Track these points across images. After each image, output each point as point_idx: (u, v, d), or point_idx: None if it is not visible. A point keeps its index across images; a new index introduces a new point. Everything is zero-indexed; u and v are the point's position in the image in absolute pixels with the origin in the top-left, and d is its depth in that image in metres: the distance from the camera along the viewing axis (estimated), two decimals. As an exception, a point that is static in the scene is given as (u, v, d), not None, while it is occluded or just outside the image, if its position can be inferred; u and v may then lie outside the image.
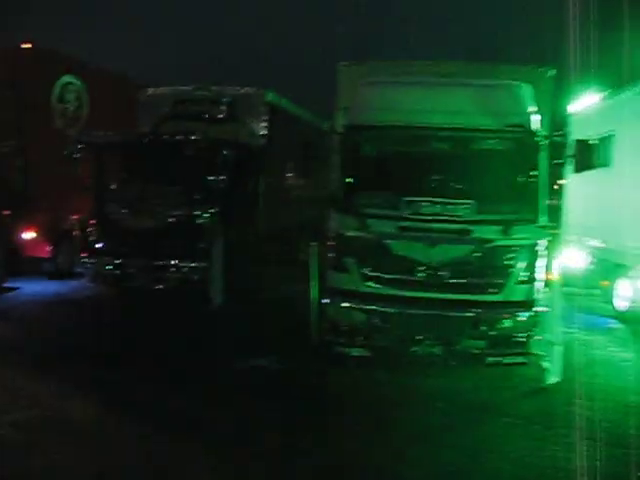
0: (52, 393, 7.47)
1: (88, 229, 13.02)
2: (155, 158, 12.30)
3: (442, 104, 8.75)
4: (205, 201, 11.97)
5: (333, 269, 8.74)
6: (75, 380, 7.91)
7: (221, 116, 13.70)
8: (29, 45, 13.36)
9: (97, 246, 12.40)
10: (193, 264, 11.83)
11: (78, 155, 12.04)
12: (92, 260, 12.31)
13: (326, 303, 8.65)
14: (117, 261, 12.05)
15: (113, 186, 12.62)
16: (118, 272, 12.04)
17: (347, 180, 8.79)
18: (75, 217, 14.75)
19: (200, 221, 11.93)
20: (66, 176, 13.87)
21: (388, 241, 8.37)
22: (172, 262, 11.84)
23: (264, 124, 13.95)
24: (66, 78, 14.41)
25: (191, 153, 11.70)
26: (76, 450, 6.03)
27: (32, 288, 13.48)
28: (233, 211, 12.52)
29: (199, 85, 14.06)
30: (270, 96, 14.07)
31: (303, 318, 11.56)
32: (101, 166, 12.54)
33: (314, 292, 9.05)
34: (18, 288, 13.36)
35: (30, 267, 13.95)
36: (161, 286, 11.90)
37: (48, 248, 14.03)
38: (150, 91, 14.42)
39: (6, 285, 13.19)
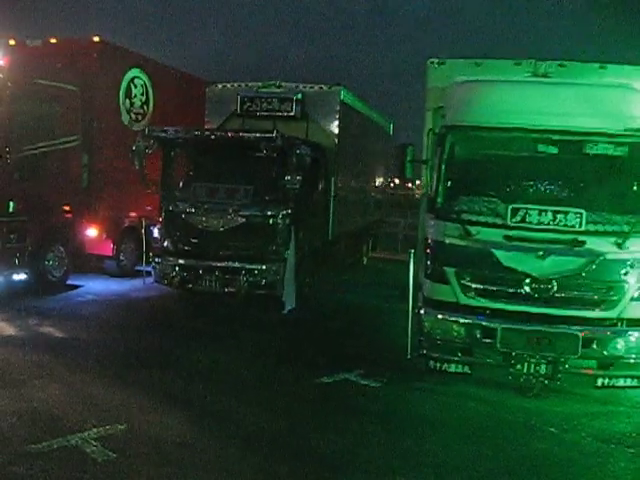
0: (132, 404, 6.92)
1: (155, 227, 12.64)
2: (227, 156, 11.85)
3: (549, 105, 8.08)
4: (278, 202, 11.49)
5: (431, 279, 8.16)
6: (152, 388, 7.42)
7: (292, 114, 13.20)
8: (97, 38, 12.96)
9: (164, 245, 12.01)
10: (265, 267, 11.36)
11: (148, 151, 11.62)
12: (159, 259, 11.91)
13: (423, 315, 8.06)
14: (185, 262, 11.64)
15: (182, 184, 12.17)
16: (185, 274, 11.61)
17: (447, 184, 8.21)
18: (139, 215, 14.49)
19: (274, 222, 11.46)
20: (130, 172, 13.57)
21: (493, 251, 7.77)
22: (243, 265, 11.40)
23: (337, 123, 13.41)
24: (132, 73, 13.97)
25: (266, 151, 11.21)
26: (174, 472, 5.54)
27: (94, 286, 13.10)
28: (304, 213, 12.03)
29: (269, 81, 13.58)
30: (343, 93, 13.52)
31: (380, 327, 11.17)
32: (170, 163, 12.10)
33: (411, 302, 8.43)
34: (81, 286, 12.99)
35: (92, 265, 13.59)
36: (231, 289, 11.45)
37: (111, 246, 13.64)
38: (218, 87, 13.96)
39: (69, 282, 12.85)
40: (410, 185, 40.64)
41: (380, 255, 19.41)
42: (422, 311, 8.10)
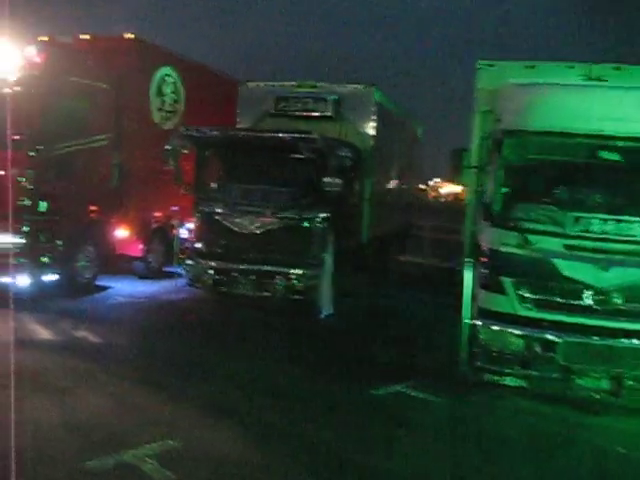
0: (182, 417, 6.61)
1: (182, 228, 12.33)
2: (264, 156, 11.55)
3: (612, 110, 7.73)
4: (316, 204, 11.18)
5: (486, 288, 7.83)
6: (199, 400, 7.09)
7: (327, 114, 12.89)
8: (131, 35, 12.67)
9: (197, 247, 11.71)
10: (302, 271, 11.05)
11: (183, 150, 11.34)
12: (191, 262, 11.62)
13: (478, 326, 7.75)
14: (219, 264, 11.35)
15: (217, 185, 11.87)
16: (219, 276, 11.32)
17: (504, 190, 7.89)
18: (167, 215, 14.23)
19: (312, 225, 11.15)
20: (159, 172, 13.32)
21: (553, 261, 7.45)
22: (279, 268, 11.10)
23: (372, 124, 13.08)
24: (164, 70, 13.68)
25: (304, 153, 10.88)
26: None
27: (124, 288, 12.80)
28: (341, 216, 11.72)
29: (303, 80, 13.27)
30: (378, 94, 13.20)
31: (422, 334, 10.85)
32: (205, 163, 11.80)
33: (465, 313, 8.11)
34: (110, 287, 12.71)
35: (120, 266, 13.30)
36: (266, 293, 11.16)
37: (140, 247, 13.34)
38: (251, 86, 13.64)
39: (97, 284, 12.57)
40: (423, 187, 40.38)
41: (406, 259, 19.05)
42: (477, 322, 7.79)
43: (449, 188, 64.20)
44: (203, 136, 11.30)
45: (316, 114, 12.91)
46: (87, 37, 12.66)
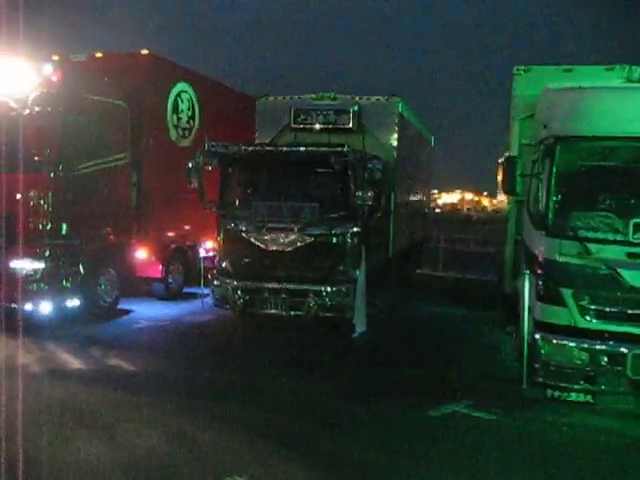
0: (242, 449, 6.19)
1: (214, 248, 11.86)
2: (290, 171, 11.14)
3: None
4: (347, 219, 10.79)
5: (544, 300, 7.46)
6: (253, 427, 6.68)
7: (349, 126, 12.50)
8: (146, 51, 12.28)
9: (223, 266, 11.26)
10: (334, 288, 10.64)
11: (208, 167, 10.93)
12: (218, 282, 11.17)
13: (539, 340, 7.37)
14: (248, 283, 10.91)
15: (242, 202, 11.44)
16: (248, 296, 10.87)
17: (557, 198, 7.53)
18: (187, 235, 13.82)
19: (343, 241, 10.75)
20: (179, 191, 12.92)
21: (618, 270, 7.09)
22: (311, 286, 10.68)
23: (395, 136, 12.71)
24: (179, 87, 13.29)
25: (336, 166, 10.49)
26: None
27: (146, 311, 12.34)
28: (370, 231, 11.33)
29: (323, 92, 12.89)
30: (401, 105, 12.84)
31: (464, 349, 10.46)
32: (229, 180, 11.36)
33: (524, 327, 7.71)
34: (132, 311, 12.25)
35: (140, 288, 12.84)
36: (298, 312, 10.73)
37: (159, 268, 12.89)
38: (269, 99, 13.25)
39: (119, 307, 12.11)
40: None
41: (421, 271, 18.66)
42: (537, 336, 7.41)
43: (445, 199, 64.38)
44: (230, 152, 10.87)
45: (337, 126, 12.52)
46: (100, 55, 12.26)
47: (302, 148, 10.79)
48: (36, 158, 10.22)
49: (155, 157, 12.59)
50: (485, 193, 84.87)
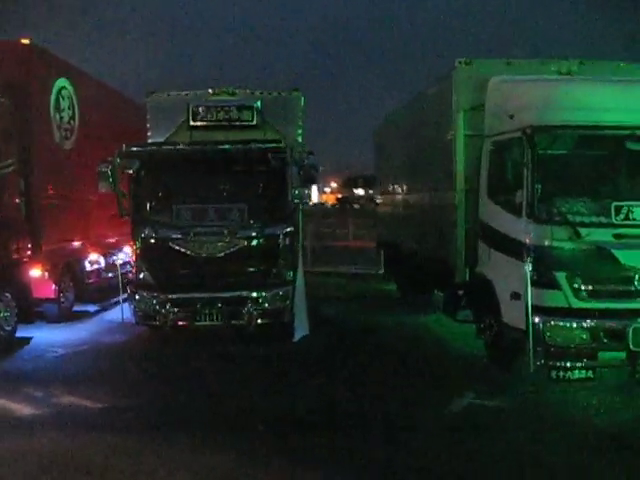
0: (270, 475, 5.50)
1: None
2: (214, 170, 10.15)
3: (623, 102, 7.84)
4: (278, 219, 10.09)
5: (538, 285, 7.41)
6: (269, 455, 5.90)
7: (252, 123, 11.67)
8: (27, 41, 10.50)
9: (145, 278, 10.02)
10: (273, 293, 9.89)
11: (128, 170, 9.63)
12: (139, 296, 9.92)
13: (539, 323, 7.32)
14: (178, 296, 9.80)
15: (160, 206, 10.23)
16: (178, 309, 9.78)
17: (541, 186, 7.51)
18: (78, 247, 12.23)
19: (277, 242, 10.02)
20: (69, 199, 11.41)
21: (612, 251, 7.23)
22: (247, 293, 9.84)
23: (300, 131, 12.08)
24: (60, 82, 11.55)
25: (268, 163, 9.74)
26: None
27: (48, 336, 10.59)
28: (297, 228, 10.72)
29: (220, 88, 11.94)
30: (303, 100, 12.23)
31: (416, 341, 10.21)
32: (145, 183, 10.09)
33: (530, 313, 7.59)
34: (31, 338, 10.48)
35: (33, 311, 11.00)
36: (236, 322, 9.83)
37: (52, 287, 11.17)
38: (162, 95, 11.97)
39: (18, 335, 10.31)
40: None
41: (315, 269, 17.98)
42: (536, 319, 7.35)
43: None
44: (152, 151, 9.66)
45: (239, 123, 11.65)
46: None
47: (235, 146, 9.90)
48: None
49: (43, 162, 10.87)
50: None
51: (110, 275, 13.43)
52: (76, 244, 12.15)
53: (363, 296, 14.83)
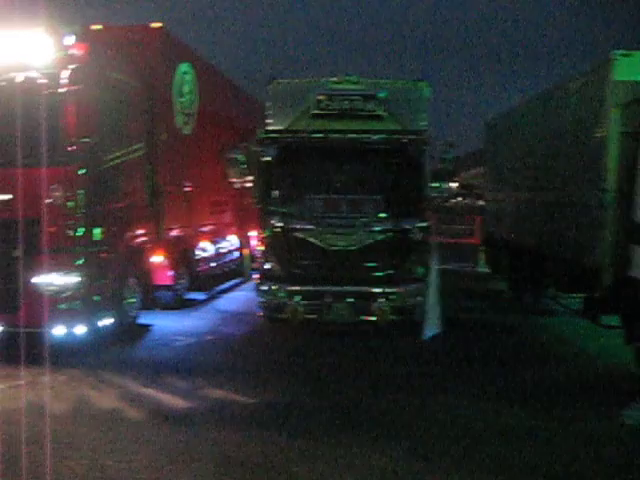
0: None
1: (260, 249, 10.09)
2: (351, 161, 9.72)
3: None
4: (413, 212, 9.60)
5: None
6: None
7: (377, 113, 11.20)
8: (159, 25, 10.21)
9: (272, 269, 9.63)
10: (407, 289, 9.42)
11: (264, 158, 9.23)
12: (266, 287, 9.54)
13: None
14: (308, 289, 9.40)
15: (295, 195, 9.81)
16: (308, 303, 9.37)
17: None
18: (195, 235, 11.94)
19: (411, 236, 9.53)
20: (188, 186, 11.11)
21: None
22: (380, 288, 9.38)
23: (425, 123, 11.53)
24: (183, 67, 11.27)
25: (409, 155, 9.27)
26: None
27: (167, 324, 10.37)
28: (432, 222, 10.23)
29: (345, 76, 11.47)
30: (428, 90, 11.70)
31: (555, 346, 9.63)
32: (280, 170, 9.70)
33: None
34: (151, 325, 10.23)
35: (150, 298, 10.73)
36: (366, 318, 9.39)
37: (169, 273, 10.88)
38: (283, 83, 11.58)
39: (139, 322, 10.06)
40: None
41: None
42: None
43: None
44: (291, 139, 9.27)
45: (364, 113, 11.18)
46: (110, 27, 10.05)
47: (378, 136, 9.45)
48: (70, 148, 8.08)
49: (166, 147, 10.56)
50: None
51: (215, 264, 13.18)
52: (189, 231, 11.81)
53: (472, 293, 14.25)
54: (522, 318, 11.55)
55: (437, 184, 9.27)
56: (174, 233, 11.03)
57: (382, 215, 9.47)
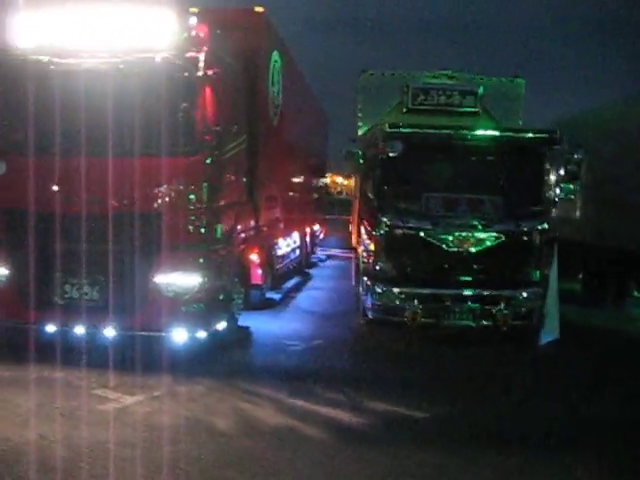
0: None
1: (371, 249, 9.35)
2: (470, 159, 9.07)
3: None
4: (535, 214, 9.00)
5: None
6: None
7: (474, 109, 10.61)
8: (261, 9, 9.40)
9: (384, 270, 8.95)
10: (528, 292, 8.83)
11: (392, 154, 8.50)
12: (381, 289, 8.85)
13: None
14: (427, 291, 8.74)
15: (407, 193, 9.13)
16: (426, 306, 8.71)
17: None
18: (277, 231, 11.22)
19: (533, 239, 8.94)
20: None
21: None
22: (502, 292, 8.77)
23: (520, 122, 10.95)
24: (275, 55, 10.46)
25: (539, 155, 8.68)
26: None
27: (263, 325, 9.60)
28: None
29: (440, 71, 10.84)
30: (525, 88, 11.13)
31: None
32: (400, 167, 8.96)
33: None
34: (247, 327, 9.44)
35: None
36: (486, 322, 8.77)
37: (259, 271, 10.08)
38: (375, 75, 10.93)
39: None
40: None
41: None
42: None
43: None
44: (419, 135, 8.56)
45: (461, 109, 10.57)
46: (212, 10, 9.13)
47: (504, 133, 8.80)
48: (207, 137, 7.29)
49: (264, 139, 9.76)
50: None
51: (287, 261, 12.45)
52: (272, 228, 11.04)
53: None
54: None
55: (562, 185, 8.68)
56: (266, 230, 10.25)
57: (503, 216, 8.87)
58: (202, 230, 7.46)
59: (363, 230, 9.88)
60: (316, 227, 16.85)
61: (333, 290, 13.56)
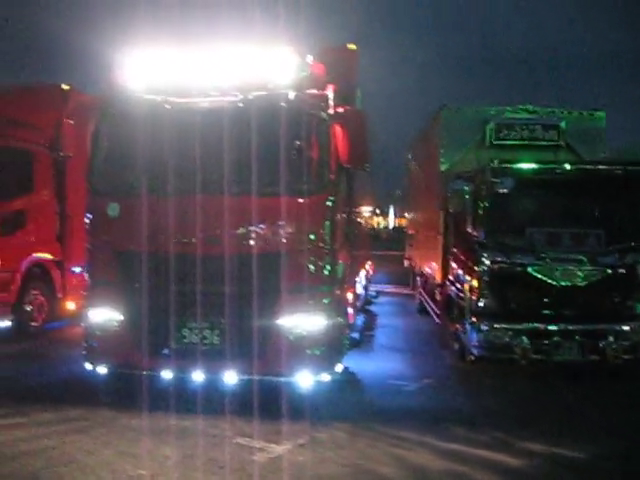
0: None
1: (474, 285, 9.11)
2: (572, 193, 8.92)
3: None
4: (634, 246, 8.85)
5: None
6: None
7: (558, 143, 10.53)
8: (354, 47, 9.33)
9: (489, 306, 8.73)
10: (634, 326, 8.64)
11: (500, 190, 8.37)
12: (486, 326, 8.62)
13: None
14: (534, 326, 8.53)
15: (514, 228, 8.95)
16: (535, 341, 8.48)
17: None
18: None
19: (636, 271, 8.77)
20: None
21: None
22: (609, 326, 8.58)
23: (602, 155, 10.85)
24: (358, 91, 10.33)
25: (620, 187, 8.62)
26: None
27: (357, 366, 9.20)
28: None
29: (520, 106, 10.77)
30: (605, 121, 11.06)
31: None
32: (503, 202, 8.78)
33: None
34: (348, 367, 9.11)
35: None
36: (595, 357, 8.55)
37: (352, 311, 9.74)
38: (457, 110, 10.85)
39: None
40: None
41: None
42: None
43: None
44: (528, 171, 8.43)
45: (545, 143, 10.50)
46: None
47: (605, 166, 8.70)
48: (331, 176, 7.12)
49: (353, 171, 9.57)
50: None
51: (360, 300, 12.19)
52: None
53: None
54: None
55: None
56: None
57: (606, 249, 8.71)
58: (326, 271, 7.27)
59: (460, 266, 9.67)
60: (369, 263, 16.65)
61: (403, 327, 13.35)
